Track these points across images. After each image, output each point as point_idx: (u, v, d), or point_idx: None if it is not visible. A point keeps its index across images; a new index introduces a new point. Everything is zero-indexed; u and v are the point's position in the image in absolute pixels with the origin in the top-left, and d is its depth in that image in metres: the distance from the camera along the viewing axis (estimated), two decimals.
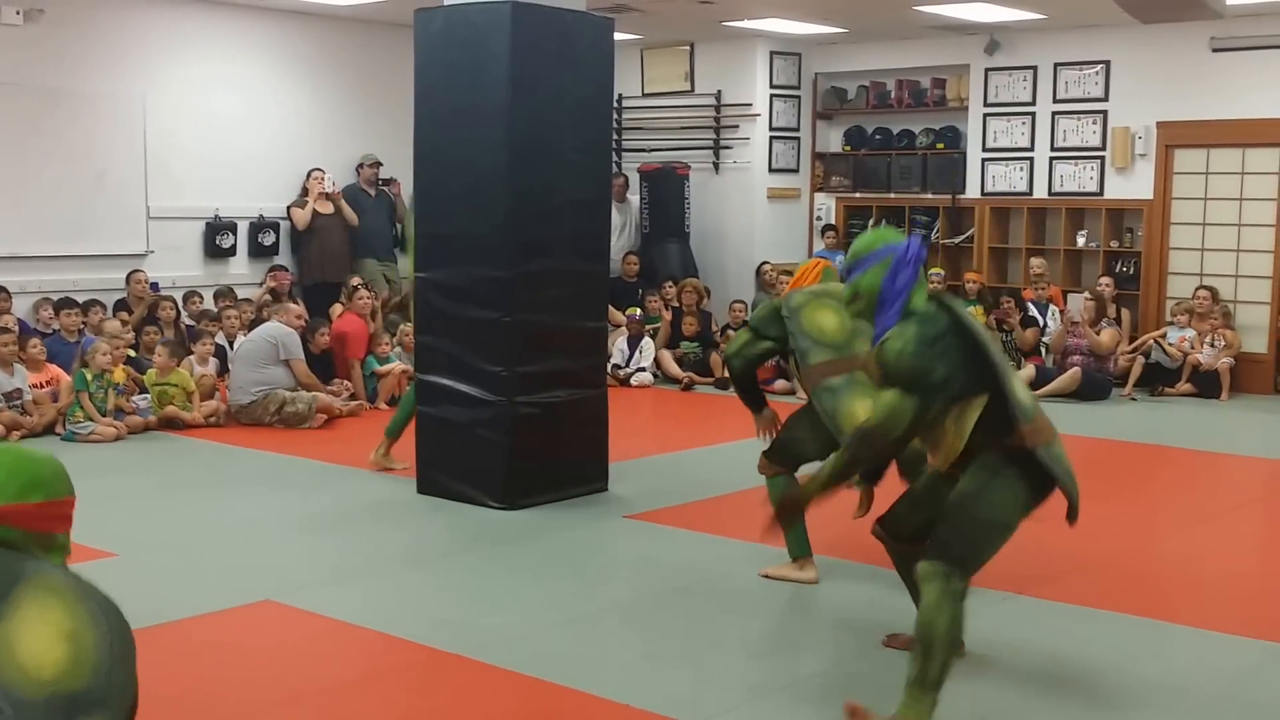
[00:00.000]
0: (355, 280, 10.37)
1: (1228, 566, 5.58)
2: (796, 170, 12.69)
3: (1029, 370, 10.10)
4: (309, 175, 11.02)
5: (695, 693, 4.03)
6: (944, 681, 3.47)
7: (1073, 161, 11.16)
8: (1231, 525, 6.43)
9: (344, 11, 11.04)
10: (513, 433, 6.31)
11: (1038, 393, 9.89)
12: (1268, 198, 10.25)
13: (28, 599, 1.92)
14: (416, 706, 3.99)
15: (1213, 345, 10.10)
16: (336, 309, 10.21)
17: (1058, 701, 4.03)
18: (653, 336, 10.95)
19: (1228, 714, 3.95)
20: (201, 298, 10.34)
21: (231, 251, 10.81)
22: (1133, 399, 9.92)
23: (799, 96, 12.60)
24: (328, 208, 10.97)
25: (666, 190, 12.24)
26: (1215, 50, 10.34)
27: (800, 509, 3.92)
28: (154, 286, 10.00)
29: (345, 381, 9.25)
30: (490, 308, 6.31)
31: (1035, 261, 11.18)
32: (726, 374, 10.43)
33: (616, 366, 10.54)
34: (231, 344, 9.46)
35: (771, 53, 12.30)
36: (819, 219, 12.77)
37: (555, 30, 6.39)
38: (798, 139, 12.65)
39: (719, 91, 12.48)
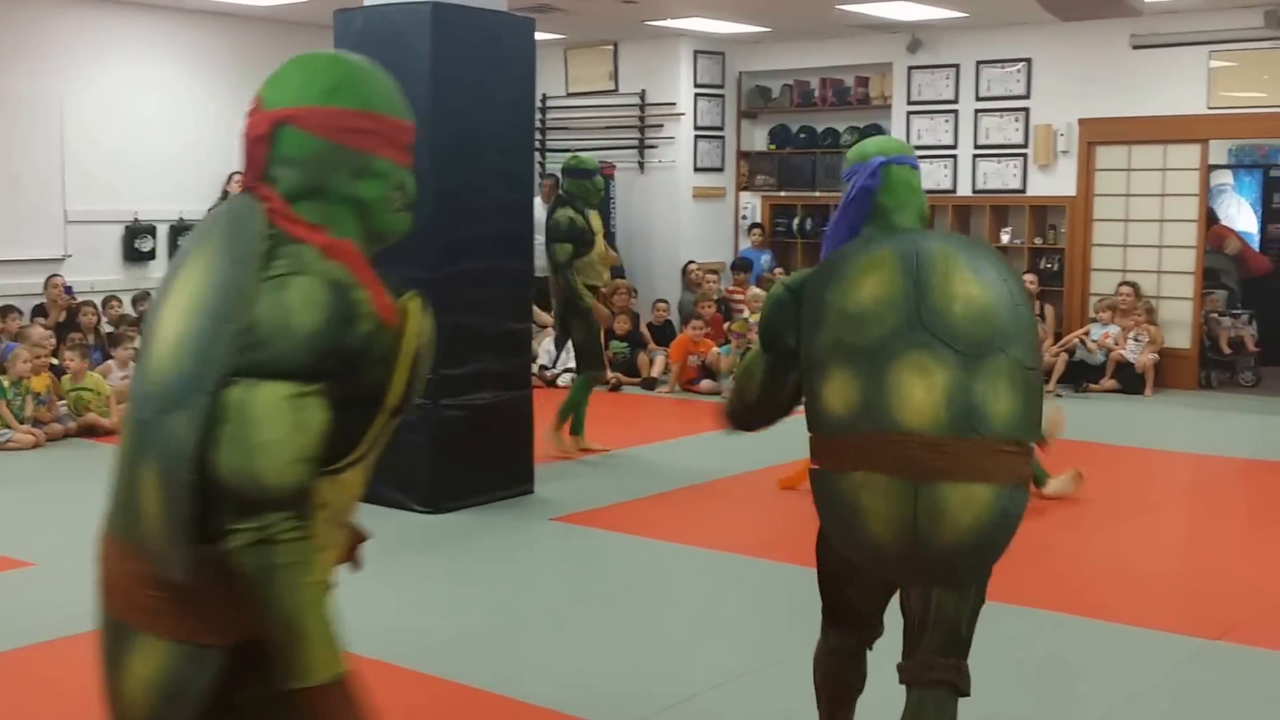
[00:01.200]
0: None
1: (1155, 562, 5.65)
2: (722, 169, 12.71)
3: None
4: (230, 178, 10.84)
5: (626, 694, 4.01)
6: None
7: (996, 159, 11.28)
8: (1158, 520, 6.51)
9: (264, 12, 10.88)
10: (437, 436, 6.24)
11: None
12: (1189, 193, 10.41)
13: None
14: None
15: (1136, 341, 10.25)
16: None
17: (991, 697, 4.04)
18: None
19: (1159, 712, 3.98)
20: (121, 302, 10.13)
21: (151, 255, 10.63)
22: (1057, 395, 10.03)
23: (723, 96, 12.62)
24: None
25: None
26: (1135, 47, 10.49)
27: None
28: (68, 290, 9.79)
29: None
30: None
31: None
32: (654, 374, 10.48)
33: (544, 367, 10.48)
34: None
35: (695, 52, 12.30)
36: (744, 218, 12.80)
37: (476, 30, 6.35)
38: (722, 138, 12.67)
39: (643, 91, 12.46)
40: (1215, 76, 10.21)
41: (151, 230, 10.59)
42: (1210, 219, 11.69)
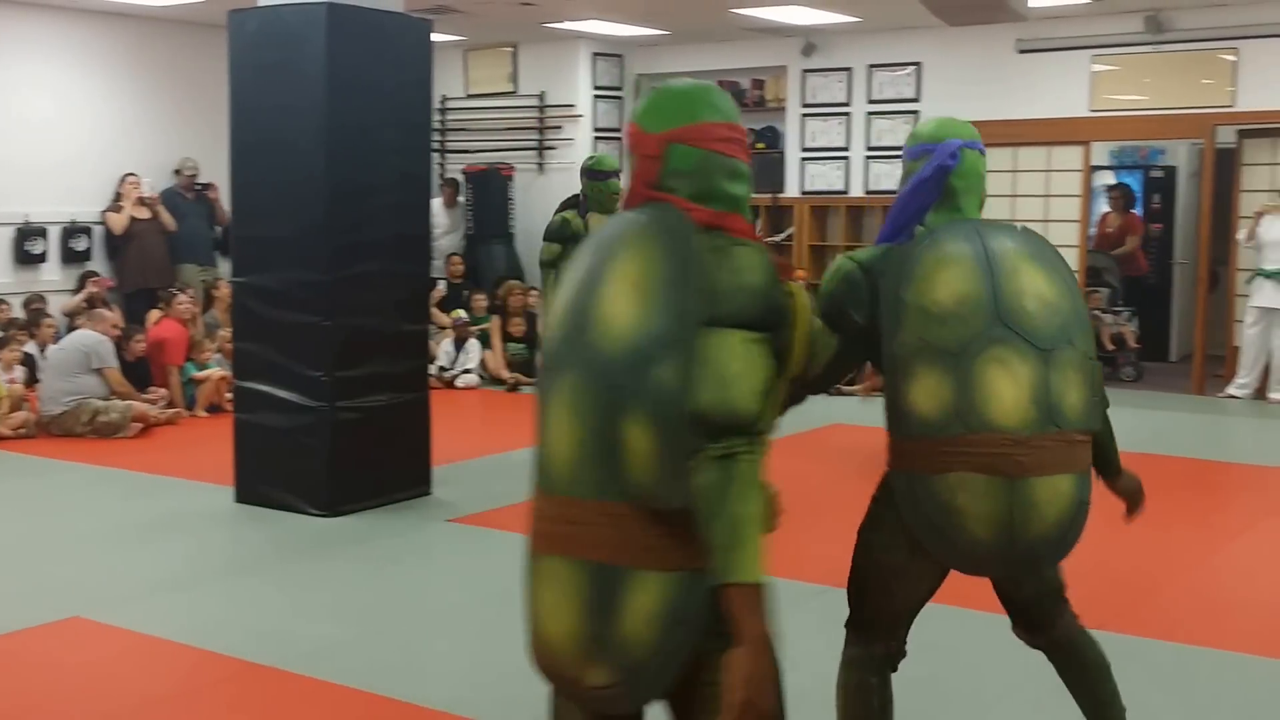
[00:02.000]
0: (176, 287, 10.09)
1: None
2: (620, 170, 12.78)
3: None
4: (123, 180, 10.68)
5: (519, 695, 3.98)
6: None
7: (887, 161, 11.52)
8: None
9: (157, 12, 10.73)
10: (333, 439, 6.24)
11: (856, 389, 10.19)
12: (1072, 194, 10.73)
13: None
14: None
15: None
16: (153, 315, 9.92)
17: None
18: (480, 339, 10.92)
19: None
20: (10, 305, 9.92)
21: (42, 258, 10.42)
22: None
23: (622, 97, 12.72)
24: (144, 213, 10.64)
25: (491, 191, 12.24)
26: (1021, 51, 10.80)
27: None
28: None
29: (162, 389, 9.00)
30: (309, 312, 6.23)
31: None
32: None
33: (442, 369, 10.49)
34: (43, 352, 9.11)
35: (594, 54, 12.39)
36: None
37: (372, 31, 6.35)
38: (621, 139, 12.77)
39: (543, 93, 12.51)
40: (1097, 80, 10.55)
41: (43, 233, 10.38)
42: (1127, 203, 12.10)
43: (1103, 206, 12.39)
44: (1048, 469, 2.69)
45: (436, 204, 11.71)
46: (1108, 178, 12.50)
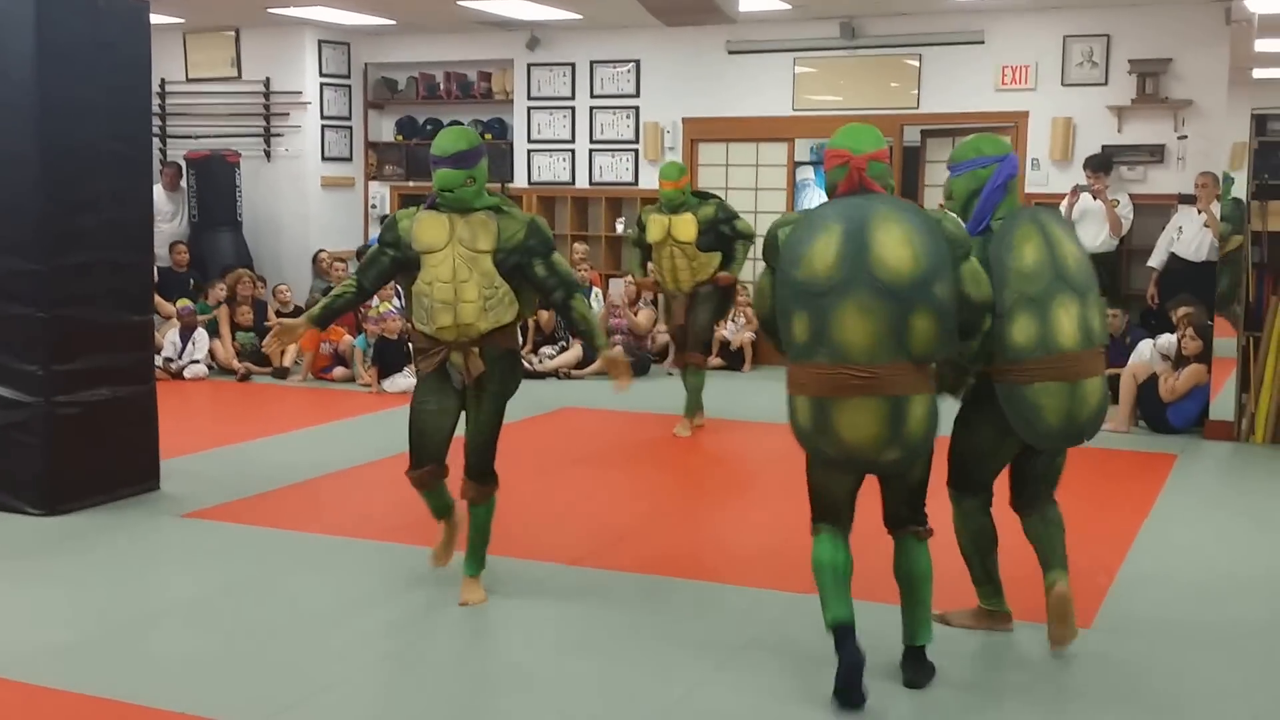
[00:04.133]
0: None
1: (758, 523, 6.21)
2: (350, 159, 12.77)
3: (576, 350, 10.75)
4: None
5: (253, 693, 4.04)
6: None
7: (610, 153, 11.93)
8: (762, 486, 7.19)
9: None
10: (51, 435, 6.09)
11: (583, 372, 10.56)
12: (778, 188, 11.39)
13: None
14: None
15: (734, 322, 11.13)
16: None
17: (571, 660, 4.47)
18: (208, 328, 10.71)
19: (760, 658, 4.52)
20: None
21: None
22: (669, 373, 10.74)
23: (350, 86, 12.68)
24: None
25: (216, 178, 11.97)
26: (731, 52, 11.37)
27: None
28: None
29: None
30: (22, 303, 6.06)
31: (578, 247, 11.85)
32: (285, 363, 10.42)
33: (169, 360, 10.26)
34: None
35: (320, 41, 12.29)
36: (374, 207, 12.92)
37: (84, 15, 6.19)
38: (350, 128, 12.73)
39: (268, 79, 12.33)
40: (799, 81, 11.23)
41: None
42: None
43: (806, 199, 13.16)
44: (1092, 373, 4.16)
45: (158, 190, 11.40)
46: (807, 173, 13.28)
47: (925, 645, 4.06)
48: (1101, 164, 9.60)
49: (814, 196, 13.34)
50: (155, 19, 6.82)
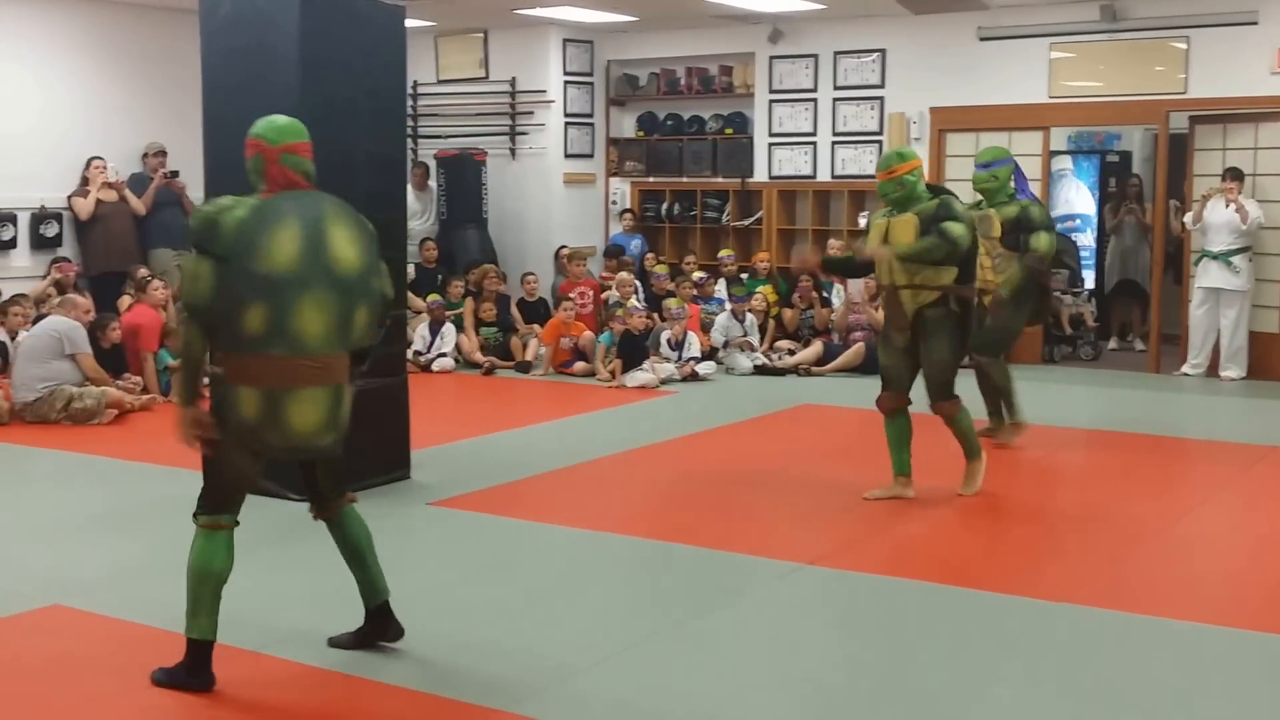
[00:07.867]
0: (142, 271, 10.09)
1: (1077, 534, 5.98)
2: (591, 155, 12.91)
3: (817, 347, 10.57)
4: (89, 164, 10.68)
5: (502, 676, 4.08)
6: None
7: (853, 146, 11.68)
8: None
9: None
10: None
11: (826, 368, 10.37)
12: (1032, 178, 10.87)
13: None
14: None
15: None
16: (125, 300, 9.94)
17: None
18: (455, 323, 11.00)
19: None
20: None
21: (12, 244, 10.40)
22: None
23: (592, 83, 12.81)
24: (111, 196, 10.65)
25: (464, 176, 12.29)
26: (982, 39, 10.96)
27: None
28: None
29: (137, 376, 9.04)
30: None
31: (833, 243, 11.61)
32: (528, 357, 10.62)
33: (418, 353, 10.56)
34: (14, 339, 9.12)
35: (564, 40, 12.46)
36: (614, 203, 13.02)
37: (345, 16, 6.37)
38: (592, 125, 12.87)
39: (514, 78, 12.58)
40: (1055, 67, 10.73)
41: (12, 218, 10.36)
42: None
43: (1064, 190, 12.60)
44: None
45: (408, 188, 11.75)
46: (1065, 162, 12.70)
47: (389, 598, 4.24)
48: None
49: (1070, 187, 12.77)
50: (409, 23, 6.99)
